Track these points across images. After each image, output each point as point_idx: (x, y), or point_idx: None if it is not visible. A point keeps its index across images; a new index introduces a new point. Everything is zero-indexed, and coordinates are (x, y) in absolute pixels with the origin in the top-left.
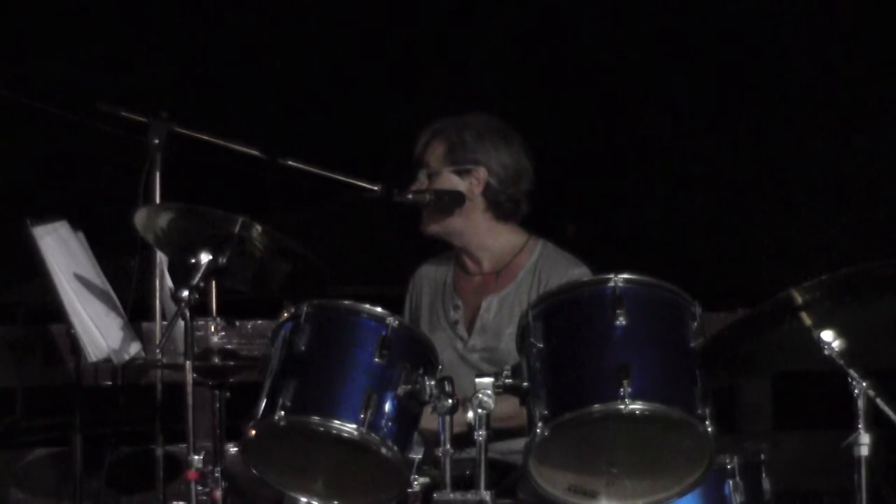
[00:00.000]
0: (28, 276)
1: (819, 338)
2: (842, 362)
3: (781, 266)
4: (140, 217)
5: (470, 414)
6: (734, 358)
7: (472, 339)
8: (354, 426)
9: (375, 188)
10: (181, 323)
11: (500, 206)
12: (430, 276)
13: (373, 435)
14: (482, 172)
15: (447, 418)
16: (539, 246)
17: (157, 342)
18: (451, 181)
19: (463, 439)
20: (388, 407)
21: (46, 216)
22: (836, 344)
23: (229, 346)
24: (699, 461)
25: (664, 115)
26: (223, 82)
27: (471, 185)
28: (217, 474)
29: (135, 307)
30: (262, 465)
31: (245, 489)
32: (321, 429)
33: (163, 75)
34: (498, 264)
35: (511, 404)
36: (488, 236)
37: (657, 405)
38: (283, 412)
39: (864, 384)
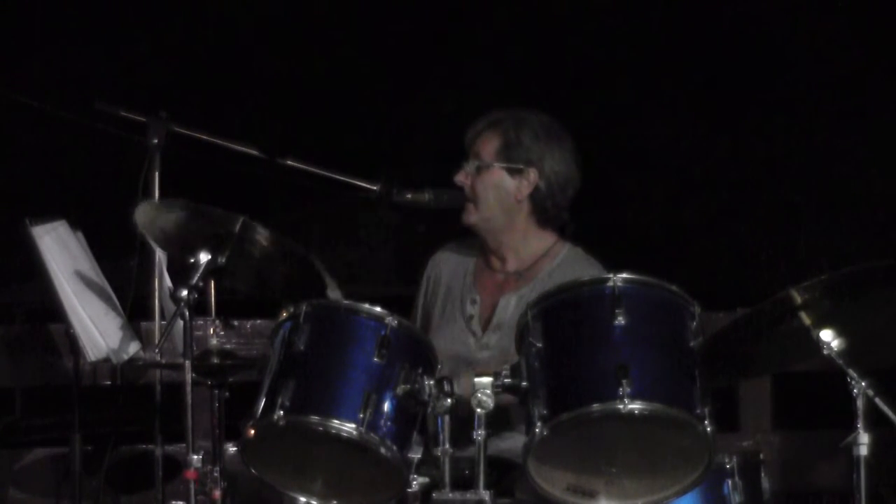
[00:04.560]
0: (27, 276)
1: (818, 337)
2: (841, 362)
3: (781, 266)
4: (140, 213)
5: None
6: (733, 357)
7: (486, 336)
8: (353, 426)
9: (375, 188)
10: (180, 322)
11: (545, 212)
12: (451, 262)
13: (372, 434)
14: (533, 175)
15: (446, 418)
16: (565, 250)
17: (157, 342)
18: (501, 177)
19: (465, 406)
20: (387, 406)
21: (45, 216)
22: (836, 343)
23: (228, 346)
24: (698, 461)
25: (663, 115)
26: (222, 82)
27: (520, 185)
28: (216, 474)
29: (134, 307)
30: (261, 465)
31: (244, 489)
32: (320, 428)
33: (162, 75)
34: (522, 265)
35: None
36: (523, 239)
37: (656, 405)
38: (282, 412)
39: (863, 384)
